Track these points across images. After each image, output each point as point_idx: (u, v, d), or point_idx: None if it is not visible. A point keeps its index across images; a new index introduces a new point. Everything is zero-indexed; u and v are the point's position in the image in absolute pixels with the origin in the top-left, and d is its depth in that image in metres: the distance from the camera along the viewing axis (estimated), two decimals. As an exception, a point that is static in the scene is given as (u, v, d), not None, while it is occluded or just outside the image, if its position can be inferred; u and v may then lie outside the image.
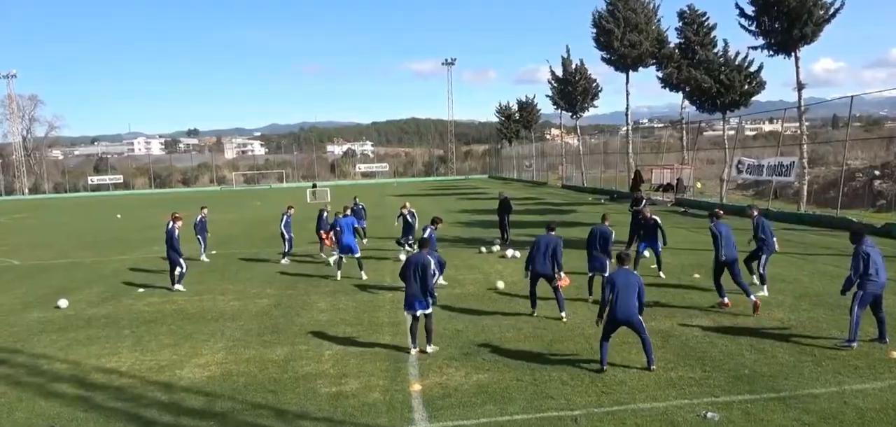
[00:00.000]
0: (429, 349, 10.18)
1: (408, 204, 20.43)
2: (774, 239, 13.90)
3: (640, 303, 9.01)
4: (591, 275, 13.58)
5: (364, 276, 16.40)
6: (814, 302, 12.60)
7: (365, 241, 23.12)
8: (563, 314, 11.84)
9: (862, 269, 9.50)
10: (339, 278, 16.43)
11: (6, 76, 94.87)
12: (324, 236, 20.06)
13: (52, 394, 9.14)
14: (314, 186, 53.59)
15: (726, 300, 12.30)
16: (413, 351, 10.21)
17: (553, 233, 12.56)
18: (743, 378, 8.68)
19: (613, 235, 13.78)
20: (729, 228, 12.65)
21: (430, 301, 10.09)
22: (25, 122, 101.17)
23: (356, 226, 18.71)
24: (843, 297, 10.05)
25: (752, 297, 11.93)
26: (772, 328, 10.95)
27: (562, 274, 11.92)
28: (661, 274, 15.44)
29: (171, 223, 16.11)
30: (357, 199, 24.97)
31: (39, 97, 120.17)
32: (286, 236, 19.97)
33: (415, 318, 10.16)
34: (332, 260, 18.04)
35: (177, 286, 15.97)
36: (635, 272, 9.42)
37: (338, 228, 16.75)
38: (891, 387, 8.18)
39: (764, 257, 13.62)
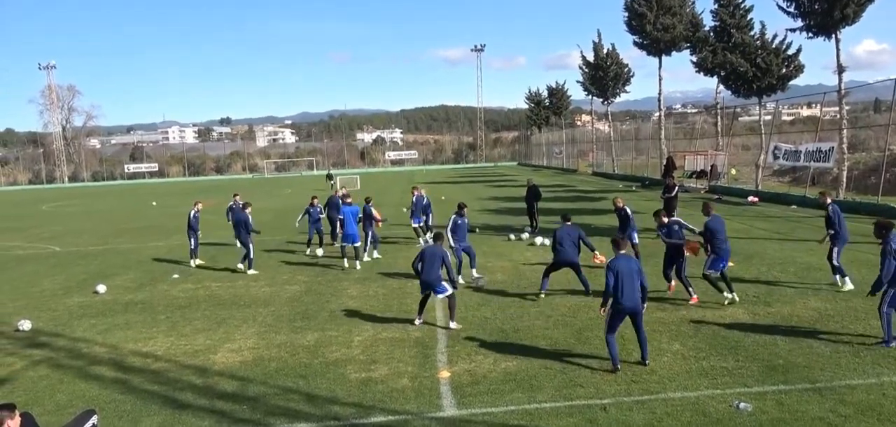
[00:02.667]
0: (452, 325, 10.68)
1: (419, 187, 20.66)
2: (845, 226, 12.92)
3: (644, 290, 8.71)
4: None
5: (350, 265, 16.60)
6: (852, 291, 12.29)
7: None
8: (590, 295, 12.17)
9: (894, 268, 8.88)
10: (353, 267, 16.58)
11: (45, 67, 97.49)
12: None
13: (92, 376, 9.42)
14: (330, 176, 53.43)
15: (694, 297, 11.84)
16: (417, 321, 11.07)
17: (569, 223, 12.93)
18: (777, 368, 8.54)
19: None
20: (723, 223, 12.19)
21: (449, 288, 10.62)
22: (64, 111, 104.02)
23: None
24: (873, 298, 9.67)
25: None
26: (808, 318, 10.73)
27: (596, 252, 12.13)
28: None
29: (245, 209, 17.34)
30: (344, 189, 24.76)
31: (77, 87, 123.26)
32: (315, 229, 19.85)
33: (426, 296, 10.85)
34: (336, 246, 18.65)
35: (250, 270, 16.58)
36: (634, 258, 9.14)
37: (340, 217, 16.93)
38: (932, 378, 7.96)
39: (837, 249, 12.52)
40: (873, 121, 50.63)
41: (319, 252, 18.93)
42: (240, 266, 16.82)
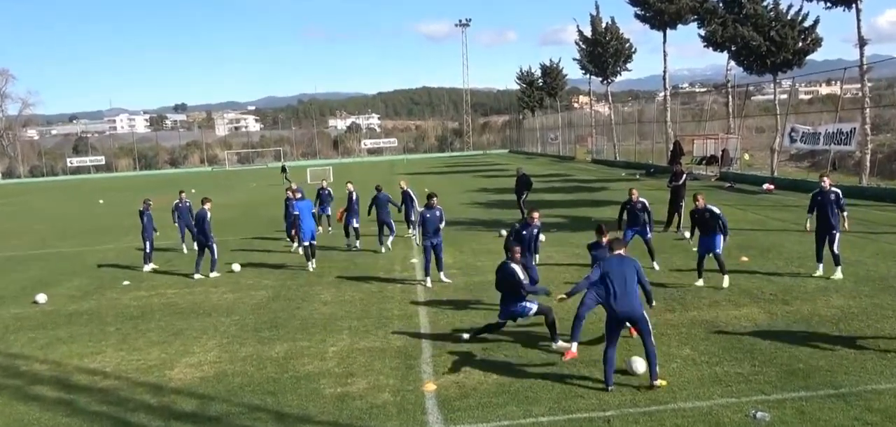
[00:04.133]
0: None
1: (403, 182, 21.05)
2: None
3: (646, 292, 8.53)
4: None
5: (311, 267, 16.69)
6: (877, 286, 12.45)
7: (330, 229, 23.13)
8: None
9: None
10: (311, 269, 16.65)
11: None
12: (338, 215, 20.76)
13: (32, 397, 9.29)
14: (284, 169, 53.32)
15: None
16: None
17: (619, 251, 9.28)
18: (797, 373, 8.61)
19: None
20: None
21: (531, 305, 10.05)
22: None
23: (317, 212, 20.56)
24: None
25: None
26: (830, 317, 10.84)
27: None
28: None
29: (205, 205, 16.90)
30: (324, 182, 24.65)
31: (10, 72, 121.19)
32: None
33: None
34: (296, 249, 18.86)
35: (213, 272, 16.61)
36: (630, 257, 8.81)
37: (296, 213, 16.90)
38: (966, 381, 8.07)
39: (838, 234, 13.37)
40: (898, 99, 51.27)
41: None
42: (197, 275, 16.63)
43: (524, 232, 12.17)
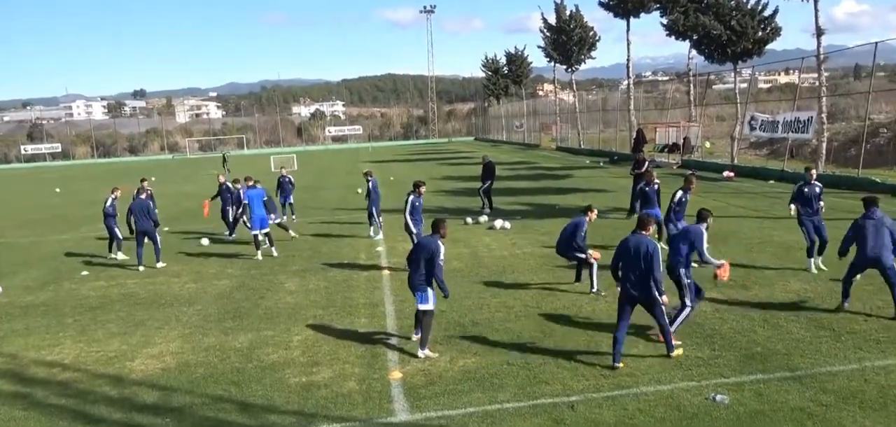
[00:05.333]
0: (420, 353, 9.38)
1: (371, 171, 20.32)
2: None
3: (655, 280, 8.54)
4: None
5: (275, 252, 16.70)
6: (832, 271, 12.74)
7: (295, 217, 22.74)
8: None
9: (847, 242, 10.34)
10: (260, 257, 16.47)
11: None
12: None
13: (-13, 391, 9.08)
14: (225, 160, 52.69)
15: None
16: (414, 336, 9.94)
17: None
18: (755, 356, 8.84)
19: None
20: None
21: (431, 295, 9.33)
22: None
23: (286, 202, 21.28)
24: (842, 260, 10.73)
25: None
26: (787, 301, 11.13)
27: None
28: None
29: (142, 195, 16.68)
30: (284, 170, 23.99)
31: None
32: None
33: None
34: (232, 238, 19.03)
35: (159, 263, 16.33)
36: (649, 237, 8.81)
37: (245, 202, 16.70)
38: (915, 362, 8.36)
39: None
40: (853, 88, 52.64)
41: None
42: (160, 264, 16.34)
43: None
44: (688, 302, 9.64)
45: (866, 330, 9.55)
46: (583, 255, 12.19)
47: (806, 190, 13.35)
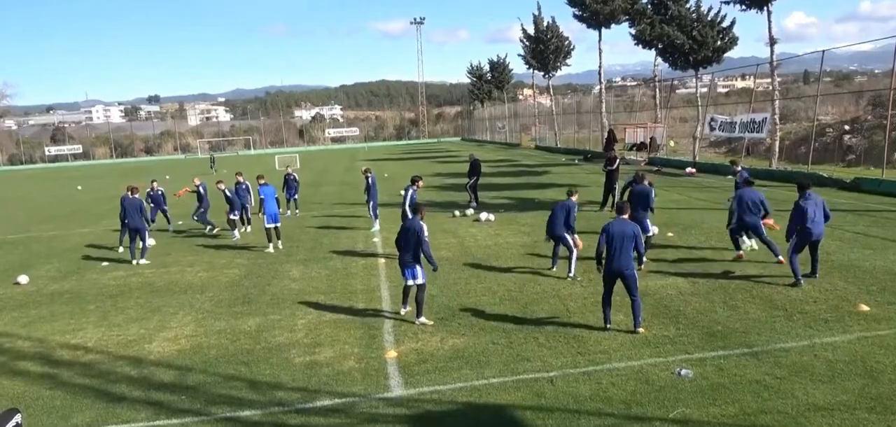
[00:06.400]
0: (416, 321, 9.92)
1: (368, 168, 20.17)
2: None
3: (639, 254, 9.16)
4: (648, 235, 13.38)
5: (281, 246, 16.53)
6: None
7: (298, 211, 22.64)
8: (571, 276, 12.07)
9: (794, 222, 10.76)
10: (271, 250, 16.29)
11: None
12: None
13: (16, 372, 8.99)
14: (213, 160, 52.23)
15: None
16: (403, 311, 10.36)
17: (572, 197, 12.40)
18: (716, 334, 8.89)
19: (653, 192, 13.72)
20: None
21: (420, 271, 9.87)
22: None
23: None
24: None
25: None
26: (744, 285, 11.20)
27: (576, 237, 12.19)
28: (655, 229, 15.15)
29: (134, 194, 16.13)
30: (289, 169, 23.82)
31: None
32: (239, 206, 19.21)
33: (408, 285, 10.09)
34: (236, 237, 18.46)
35: (143, 260, 15.98)
36: (632, 222, 9.25)
37: (261, 197, 16.59)
38: (859, 339, 8.45)
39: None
40: (803, 92, 52.90)
41: (236, 234, 18.50)
42: (143, 261, 15.89)
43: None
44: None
45: (815, 310, 9.63)
46: (570, 239, 12.11)
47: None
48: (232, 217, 18.55)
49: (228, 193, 18.46)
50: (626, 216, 9.28)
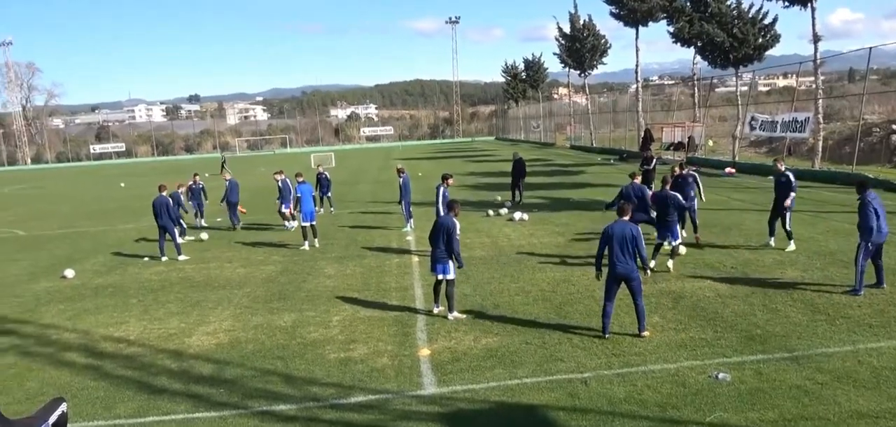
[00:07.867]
0: (449, 316, 10.13)
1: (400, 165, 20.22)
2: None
3: (641, 257, 8.81)
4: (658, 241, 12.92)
5: (317, 244, 16.67)
6: (828, 260, 12.57)
7: (332, 209, 22.95)
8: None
9: (870, 220, 9.98)
10: (307, 247, 16.47)
11: (2, 44, 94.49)
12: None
13: (62, 363, 9.29)
14: (224, 161, 52.62)
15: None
16: (435, 310, 10.46)
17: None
18: (755, 338, 8.71)
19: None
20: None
21: (452, 266, 10.04)
22: (24, 90, 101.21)
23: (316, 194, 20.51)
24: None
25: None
26: (785, 287, 10.94)
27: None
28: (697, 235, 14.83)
29: (162, 194, 16.53)
30: (321, 167, 24.08)
31: (36, 65, 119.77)
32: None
33: (438, 281, 10.25)
34: (291, 226, 19.01)
35: (181, 256, 16.34)
36: (632, 223, 9.01)
37: (298, 195, 16.76)
38: (905, 345, 8.18)
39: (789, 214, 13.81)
40: (848, 90, 51.43)
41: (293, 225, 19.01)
42: (182, 257, 16.22)
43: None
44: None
45: (860, 315, 9.36)
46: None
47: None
48: (284, 209, 19.18)
49: (281, 184, 19.23)
50: (626, 217, 9.01)
